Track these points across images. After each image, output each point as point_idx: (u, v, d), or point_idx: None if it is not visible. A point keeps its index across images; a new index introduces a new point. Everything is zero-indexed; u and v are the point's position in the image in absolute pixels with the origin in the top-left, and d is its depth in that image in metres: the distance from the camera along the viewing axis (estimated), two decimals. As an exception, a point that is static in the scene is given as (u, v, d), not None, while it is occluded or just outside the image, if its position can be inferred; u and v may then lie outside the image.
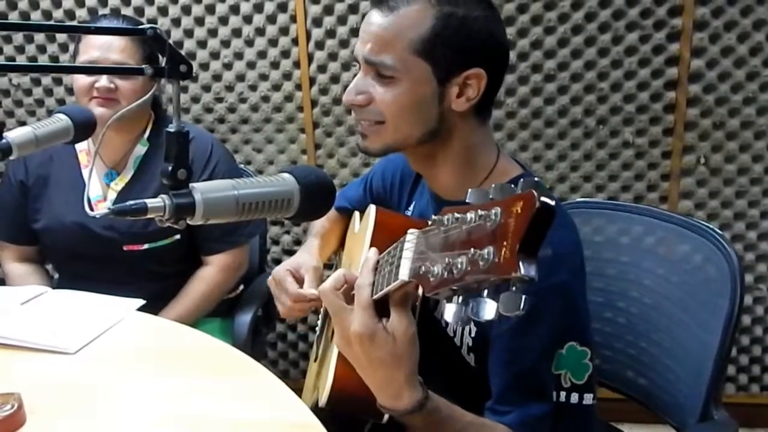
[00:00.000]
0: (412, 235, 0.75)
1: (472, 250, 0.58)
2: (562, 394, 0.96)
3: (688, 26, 1.89)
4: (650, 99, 1.98)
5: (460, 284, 0.60)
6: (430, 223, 0.70)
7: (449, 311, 0.62)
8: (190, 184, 0.75)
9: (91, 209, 0.75)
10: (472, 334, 1.04)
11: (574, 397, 0.96)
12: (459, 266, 0.59)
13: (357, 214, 1.38)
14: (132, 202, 0.71)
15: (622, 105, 1.99)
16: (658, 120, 2.00)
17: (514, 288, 0.57)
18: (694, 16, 1.88)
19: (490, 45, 1.02)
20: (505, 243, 0.55)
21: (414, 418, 0.86)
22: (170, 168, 0.73)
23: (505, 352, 0.98)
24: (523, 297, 0.56)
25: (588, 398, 0.97)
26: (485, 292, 0.59)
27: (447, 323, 1.09)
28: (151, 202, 0.72)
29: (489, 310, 0.58)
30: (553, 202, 0.55)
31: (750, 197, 2.04)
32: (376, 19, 1.01)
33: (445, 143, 1.06)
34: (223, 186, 0.77)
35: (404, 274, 0.73)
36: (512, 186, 0.60)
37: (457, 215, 0.64)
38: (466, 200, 0.63)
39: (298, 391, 1.06)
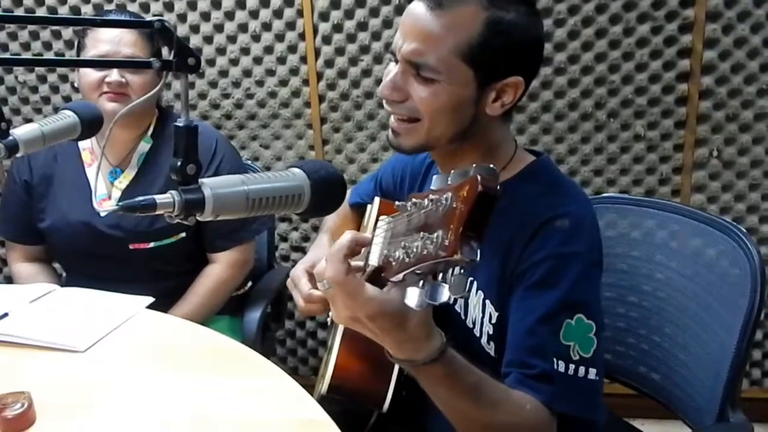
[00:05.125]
0: (383, 222, 0.76)
1: (423, 234, 0.61)
2: (571, 366, 0.95)
3: (701, 17, 1.86)
4: (662, 91, 1.95)
5: (418, 268, 0.62)
6: (396, 208, 0.71)
7: (411, 296, 0.64)
8: (200, 180, 0.74)
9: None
10: (493, 321, 1.04)
11: (581, 371, 0.95)
12: (415, 250, 0.61)
13: (369, 207, 1.38)
14: (141, 197, 0.70)
15: (634, 98, 1.97)
16: (670, 113, 1.97)
17: (461, 270, 0.60)
18: (706, 7, 1.85)
19: (532, 52, 1.02)
20: (451, 226, 0.57)
21: (434, 368, 0.83)
22: (179, 163, 0.72)
23: (516, 313, 0.99)
24: (469, 279, 0.59)
25: (592, 373, 0.96)
26: (440, 276, 0.61)
27: (466, 315, 1.09)
28: (160, 197, 0.71)
29: (444, 292, 0.61)
30: (497, 187, 0.57)
31: (763, 190, 2.01)
32: (423, 15, 0.97)
33: (471, 141, 1.06)
34: (233, 181, 0.76)
35: (374, 260, 0.74)
36: (468, 172, 0.61)
37: (416, 200, 0.66)
38: (431, 186, 0.65)
39: (308, 387, 1.06)
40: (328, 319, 1.45)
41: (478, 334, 1.06)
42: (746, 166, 1.99)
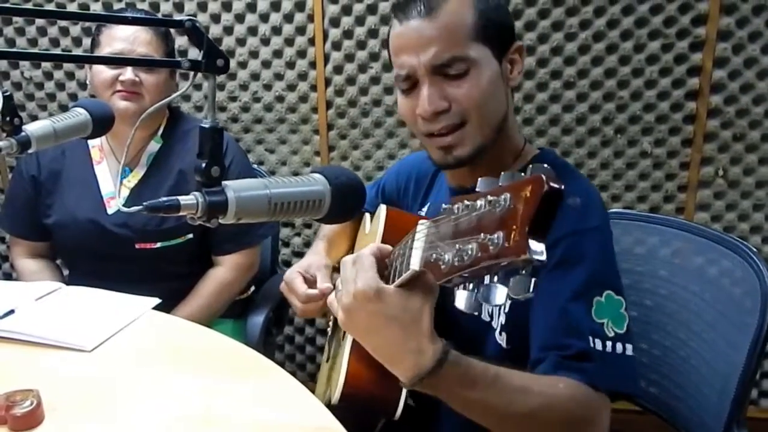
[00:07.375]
0: (422, 226, 0.75)
1: (482, 235, 0.59)
2: (608, 343, 0.94)
3: (712, 36, 1.87)
4: (670, 109, 1.96)
5: (471, 270, 0.61)
6: (440, 212, 0.70)
7: (460, 298, 0.64)
8: (223, 182, 0.73)
9: (105, 206, 0.73)
10: (506, 309, 1.04)
11: (619, 347, 0.94)
12: (469, 252, 0.60)
13: (367, 216, 1.37)
14: (165, 198, 0.69)
15: (642, 114, 1.97)
16: (678, 130, 1.98)
17: (523, 271, 0.58)
18: (718, 26, 1.86)
19: (512, 18, 1.12)
20: (514, 227, 0.56)
21: (445, 373, 0.80)
22: (204, 165, 0.71)
23: (542, 296, 0.97)
24: (533, 280, 0.58)
25: (629, 349, 0.95)
26: (495, 278, 0.60)
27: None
28: (183, 199, 0.70)
29: (499, 295, 0.60)
30: (561, 186, 0.56)
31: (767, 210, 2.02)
32: (420, 24, 1.02)
33: (499, 140, 1.09)
34: (256, 185, 0.75)
35: (415, 263, 0.73)
36: (521, 173, 0.60)
37: (467, 203, 0.65)
38: (476, 189, 0.65)
39: (308, 393, 1.05)
40: (329, 329, 1.44)
41: (494, 326, 1.06)
42: (751, 186, 2.00)
